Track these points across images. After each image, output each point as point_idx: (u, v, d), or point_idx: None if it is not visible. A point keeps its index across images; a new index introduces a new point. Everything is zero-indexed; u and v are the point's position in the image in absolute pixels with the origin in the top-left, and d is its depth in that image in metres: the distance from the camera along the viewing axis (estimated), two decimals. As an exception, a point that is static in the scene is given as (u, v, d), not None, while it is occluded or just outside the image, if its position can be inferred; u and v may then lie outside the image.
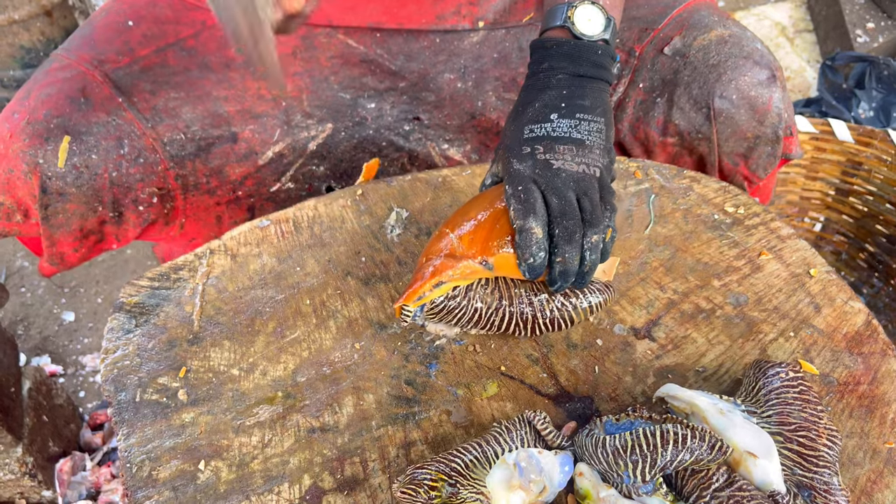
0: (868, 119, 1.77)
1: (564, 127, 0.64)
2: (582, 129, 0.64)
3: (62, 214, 0.87)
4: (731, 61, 0.86)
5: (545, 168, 0.63)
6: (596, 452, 0.53)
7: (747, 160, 0.91)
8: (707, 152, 0.91)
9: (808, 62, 2.17)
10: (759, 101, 0.86)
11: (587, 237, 0.60)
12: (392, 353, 0.68)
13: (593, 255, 0.60)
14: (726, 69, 0.86)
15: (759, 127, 0.87)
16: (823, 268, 0.73)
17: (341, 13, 0.97)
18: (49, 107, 0.85)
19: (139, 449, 0.62)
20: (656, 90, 0.92)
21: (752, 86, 0.86)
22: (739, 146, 0.89)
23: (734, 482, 0.51)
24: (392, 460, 0.60)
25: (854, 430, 0.61)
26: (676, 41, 0.90)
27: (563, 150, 0.63)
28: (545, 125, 0.64)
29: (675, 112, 0.90)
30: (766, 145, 0.89)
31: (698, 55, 0.88)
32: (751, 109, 0.86)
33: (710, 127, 0.88)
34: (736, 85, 0.86)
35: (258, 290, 0.74)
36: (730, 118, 0.87)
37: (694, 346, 0.67)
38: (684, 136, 0.91)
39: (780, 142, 0.89)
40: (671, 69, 0.90)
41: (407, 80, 1.00)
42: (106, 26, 0.95)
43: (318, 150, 0.99)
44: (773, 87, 0.86)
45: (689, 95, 0.88)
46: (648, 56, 0.92)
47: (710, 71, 0.87)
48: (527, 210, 0.60)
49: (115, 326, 0.71)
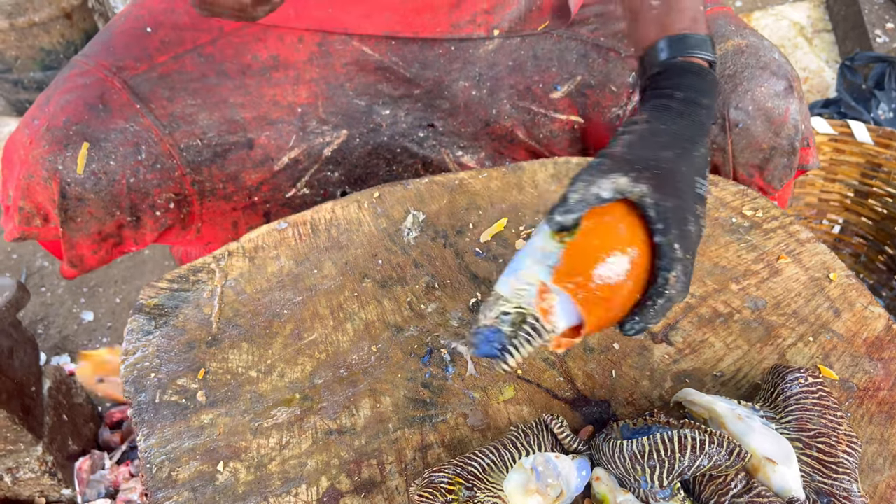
0: (888, 120, 1.75)
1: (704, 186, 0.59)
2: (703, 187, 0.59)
3: (81, 219, 0.88)
4: (747, 72, 0.85)
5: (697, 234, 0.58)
6: (613, 457, 0.53)
7: (763, 171, 0.90)
8: (721, 163, 0.90)
9: (827, 62, 2.15)
10: (775, 113, 0.85)
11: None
12: (409, 355, 0.68)
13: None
14: (742, 80, 0.85)
15: (775, 138, 0.86)
16: (843, 272, 0.73)
17: (357, 21, 0.97)
18: (68, 113, 0.86)
19: (159, 450, 0.62)
20: None
21: (769, 97, 0.85)
22: (755, 157, 0.89)
23: (752, 488, 0.51)
24: (409, 463, 0.60)
25: (874, 436, 0.60)
26: None
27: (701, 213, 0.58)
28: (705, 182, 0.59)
29: None
30: (782, 157, 0.88)
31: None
32: (767, 121, 0.85)
33: (724, 138, 0.87)
34: (752, 96, 0.85)
35: (276, 293, 0.74)
36: (745, 129, 0.86)
37: (712, 350, 0.67)
38: None
39: (796, 153, 0.88)
40: None
41: (422, 87, 1.00)
42: (124, 32, 0.96)
43: (333, 156, 1.00)
44: (790, 99, 0.85)
45: None
46: None
47: (727, 81, 0.86)
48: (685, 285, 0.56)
49: (135, 328, 0.71)
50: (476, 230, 0.79)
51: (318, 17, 0.98)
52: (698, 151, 0.60)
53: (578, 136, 1.04)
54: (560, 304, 0.53)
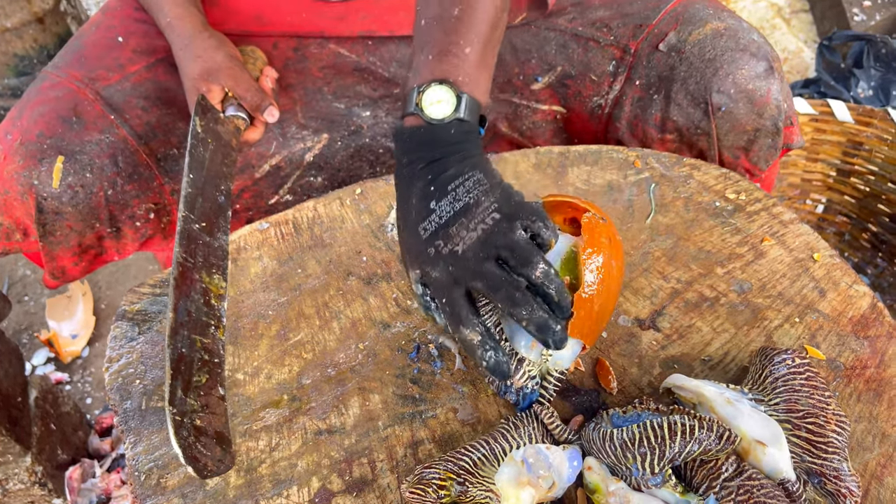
0: (867, 98, 1.76)
1: (446, 207, 0.59)
2: (461, 195, 0.60)
3: (60, 232, 0.87)
4: (727, 55, 0.85)
5: (454, 261, 0.58)
6: (604, 446, 0.53)
7: (748, 153, 0.90)
8: (707, 147, 0.90)
9: (806, 42, 2.16)
10: (757, 94, 0.85)
11: (531, 277, 0.56)
12: (396, 352, 0.68)
13: (550, 284, 0.56)
14: (723, 63, 0.85)
15: (758, 119, 0.87)
16: (827, 252, 0.73)
17: (331, 23, 0.97)
18: (41, 127, 0.84)
19: (147, 457, 0.62)
20: (653, 87, 0.91)
21: (750, 79, 0.85)
22: (739, 140, 0.89)
23: (743, 471, 0.51)
24: (400, 460, 0.60)
25: (863, 414, 0.60)
26: (671, 36, 0.89)
27: (457, 229, 0.58)
28: (431, 218, 0.60)
29: (672, 108, 0.89)
30: (766, 137, 0.88)
31: (694, 50, 0.87)
32: (749, 102, 0.85)
33: (708, 122, 0.87)
34: (733, 79, 0.85)
35: (260, 294, 0.73)
36: (728, 112, 0.86)
37: (699, 335, 0.67)
38: (683, 132, 0.90)
39: (780, 133, 0.88)
40: (667, 65, 0.89)
41: (400, 86, 0.99)
42: (95, 43, 0.94)
43: (315, 161, 0.99)
44: (771, 79, 0.85)
45: (686, 91, 0.87)
46: (644, 53, 0.92)
47: (707, 65, 0.86)
48: (454, 321, 0.57)
49: (119, 335, 0.71)
50: (460, 223, 0.78)
51: (291, 21, 0.97)
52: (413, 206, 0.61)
53: (561, 126, 1.04)
54: (573, 347, 0.61)
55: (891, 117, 1.33)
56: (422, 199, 0.61)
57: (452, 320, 0.58)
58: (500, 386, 0.62)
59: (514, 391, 0.61)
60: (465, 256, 0.58)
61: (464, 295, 0.57)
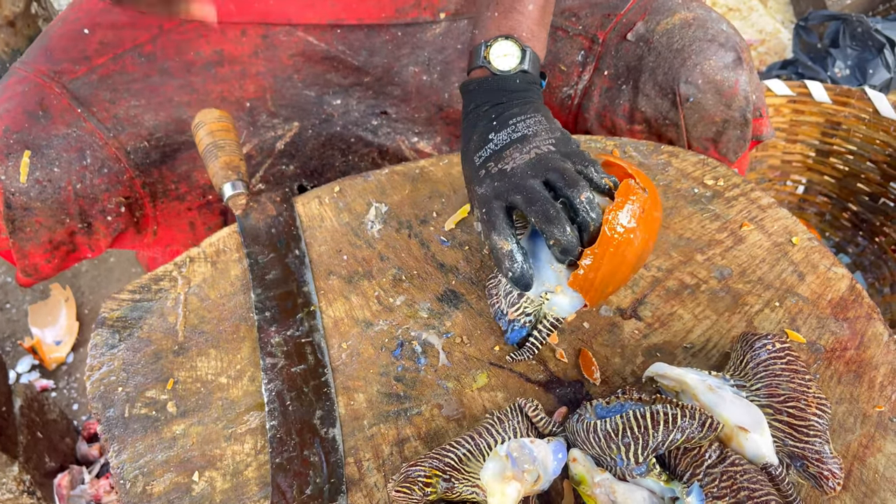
0: (844, 78, 1.77)
1: (503, 136, 0.64)
2: (520, 128, 0.64)
3: (29, 228, 0.86)
4: (695, 45, 0.85)
5: (500, 178, 0.62)
6: (588, 438, 0.53)
7: (717, 144, 0.90)
8: (676, 138, 0.90)
9: (783, 24, 2.16)
10: (725, 85, 0.85)
11: (575, 199, 0.58)
12: (380, 350, 0.67)
13: (591, 211, 0.58)
14: (691, 53, 0.85)
15: (726, 111, 0.86)
16: (805, 235, 0.73)
17: (299, 11, 0.96)
18: (7, 122, 0.83)
19: (132, 465, 0.61)
20: (621, 77, 0.91)
21: (718, 69, 0.85)
22: (708, 131, 0.88)
23: (727, 458, 0.52)
24: (386, 458, 0.60)
25: (843, 395, 0.61)
26: (640, 26, 0.89)
27: (511, 153, 0.63)
28: (488, 146, 0.65)
29: (640, 99, 0.89)
30: (735, 129, 0.88)
31: (662, 40, 0.87)
32: (717, 93, 0.85)
33: (676, 113, 0.87)
34: (701, 69, 0.85)
35: (241, 296, 0.73)
36: (696, 103, 0.86)
37: (681, 322, 0.67)
38: (651, 122, 0.90)
39: (748, 125, 0.88)
40: (635, 55, 0.89)
41: (371, 74, 0.99)
42: (61, 36, 0.93)
43: (286, 149, 0.98)
44: (739, 70, 0.85)
45: (654, 82, 0.87)
46: (612, 42, 0.91)
47: (675, 56, 0.85)
48: (488, 228, 0.61)
49: (99, 342, 0.70)
50: (440, 218, 0.78)
51: (259, 9, 0.96)
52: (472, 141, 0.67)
53: None
54: (573, 299, 0.62)
55: (868, 97, 1.34)
56: (482, 134, 0.66)
57: (486, 227, 0.61)
58: (498, 310, 0.65)
59: (507, 320, 0.64)
60: (512, 173, 0.62)
61: (503, 207, 0.61)
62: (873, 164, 1.38)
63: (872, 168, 1.38)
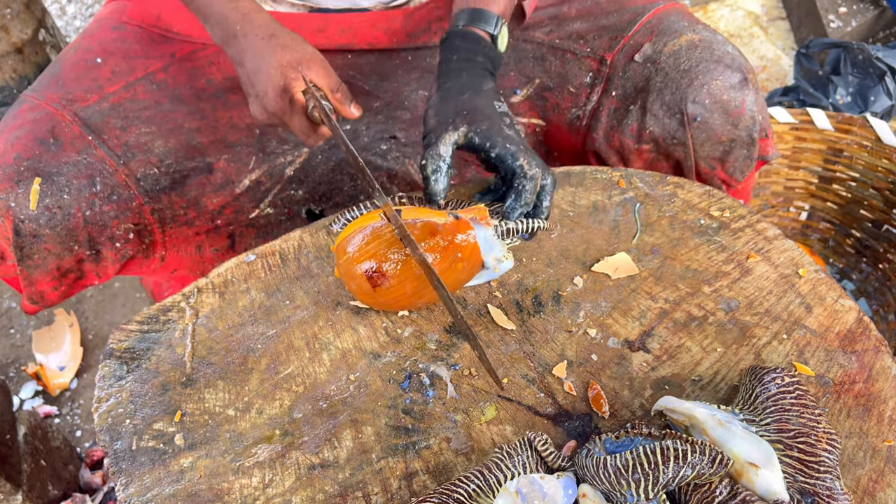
0: (846, 104, 1.78)
1: (503, 105, 0.78)
2: (503, 105, 0.78)
3: (38, 255, 0.86)
4: (702, 66, 0.86)
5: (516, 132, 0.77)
6: (598, 473, 0.53)
7: (724, 163, 0.91)
8: (683, 157, 0.91)
9: (784, 50, 2.18)
10: (731, 105, 0.86)
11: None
12: (388, 382, 0.67)
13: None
14: (698, 74, 0.86)
15: (733, 130, 0.88)
16: (811, 266, 0.73)
17: (310, 36, 0.97)
18: (18, 149, 0.84)
19: (139, 499, 0.61)
20: (629, 98, 0.92)
21: (725, 90, 0.86)
22: (715, 150, 0.89)
23: (737, 494, 0.51)
24: (395, 492, 0.60)
25: (853, 429, 0.61)
26: (647, 48, 0.90)
27: (510, 120, 0.77)
28: (502, 102, 0.78)
29: (648, 119, 0.90)
30: (741, 148, 0.89)
31: (669, 61, 0.88)
32: (724, 113, 0.86)
33: (684, 132, 0.88)
34: (708, 89, 0.86)
35: (249, 327, 0.73)
36: (704, 123, 0.87)
37: (689, 354, 0.67)
38: (659, 142, 0.91)
39: (755, 144, 0.89)
40: (643, 76, 0.90)
41: (381, 99, 1.00)
42: (74, 65, 0.94)
43: (295, 174, 0.99)
44: (745, 90, 0.86)
45: (661, 102, 0.88)
46: (620, 64, 0.93)
47: (682, 76, 0.87)
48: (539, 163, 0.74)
49: (107, 374, 0.70)
50: (447, 249, 0.78)
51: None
52: (486, 87, 0.78)
53: (541, 139, 1.05)
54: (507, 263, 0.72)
55: (870, 124, 1.35)
56: (488, 86, 0.81)
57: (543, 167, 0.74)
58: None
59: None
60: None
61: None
62: (876, 191, 1.38)
63: (875, 195, 1.39)
